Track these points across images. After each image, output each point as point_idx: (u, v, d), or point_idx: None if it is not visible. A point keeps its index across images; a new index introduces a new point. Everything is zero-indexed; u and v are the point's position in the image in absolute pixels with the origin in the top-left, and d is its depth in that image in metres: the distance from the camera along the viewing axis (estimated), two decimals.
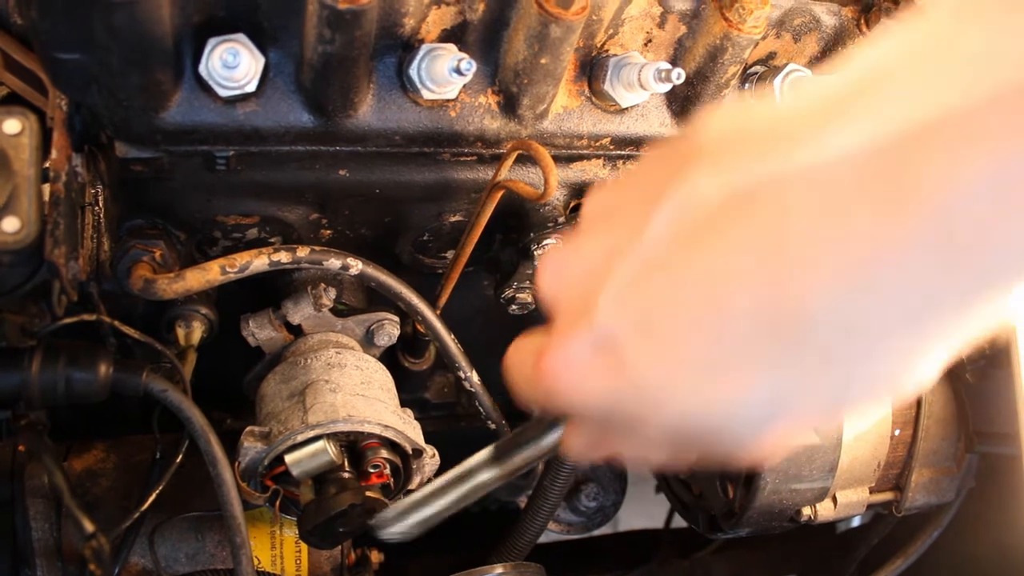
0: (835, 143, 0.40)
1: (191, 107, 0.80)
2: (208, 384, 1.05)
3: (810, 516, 1.12)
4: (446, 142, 0.90)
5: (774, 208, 0.41)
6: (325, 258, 0.94)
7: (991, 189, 0.36)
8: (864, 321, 0.40)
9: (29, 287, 0.80)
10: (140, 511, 0.95)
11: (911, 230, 0.38)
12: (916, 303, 0.39)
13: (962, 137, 0.36)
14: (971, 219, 0.37)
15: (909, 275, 0.39)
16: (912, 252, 0.38)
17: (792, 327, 0.41)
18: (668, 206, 0.45)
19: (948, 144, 0.37)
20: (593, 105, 0.94)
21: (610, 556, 1.68)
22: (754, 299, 0.42)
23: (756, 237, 0.42)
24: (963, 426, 1.18)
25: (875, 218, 0.38)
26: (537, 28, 0.81)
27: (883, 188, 0.38)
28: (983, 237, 0.37)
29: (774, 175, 0.42)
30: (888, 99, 0.39)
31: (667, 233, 0.45)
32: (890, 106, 0.39)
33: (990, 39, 0.37)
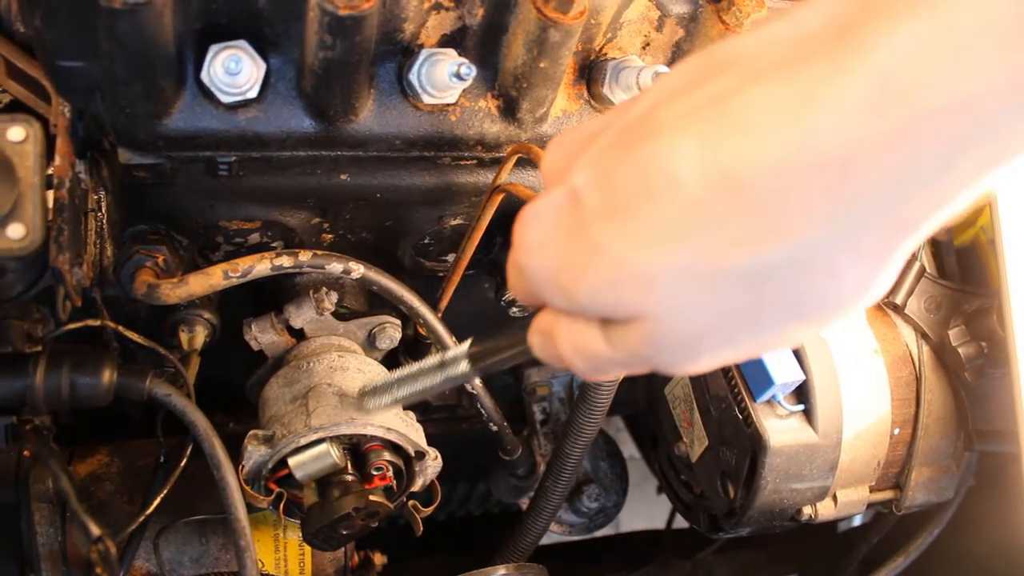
0: (793, 18, 0.43)
1: (193, 113, 0.80)
2: (211, 388, 1.06)
3: (811, 515, 1.12)
4: (446, 146, 0.91)
5: (730, 73, 0.44)
6: (327, 262, 0.94)
7: (931, 42, 0.37)
8: (794, 187, 0.41)
9: (33, 293, 0.81)
10: (145, 515, 0.96)
11: (847, 87, 0.39)
12: (849, 171, 0.40)
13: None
14: (909, 74, 0.38)
15: (843, 138, 0.39)
16: (847, 112, 0.39)
17: (729, 181, 0.42)
18: (657, 82, 0.49)
19: (892, 7, 0.39)
20: (592, 108, 0.95)
21: (612, 557, 1.69)
22: (698, 151, 0.43)
23: (710, 97, 0.44)
24: (962, 424, 1.19)
25: (814, 78, 0.40)
26: (536, 32, 0.82)
27: (825, 48, 0.40)
28: (920, 97, 0.38)
29: (740, 46, 0.45)
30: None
31: (652, 100, 0.48)
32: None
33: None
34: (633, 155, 0.46)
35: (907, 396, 1.15)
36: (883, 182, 0.40)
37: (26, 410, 0.86)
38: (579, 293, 0.49)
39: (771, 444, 1.05)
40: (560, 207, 0.50)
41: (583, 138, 0.53)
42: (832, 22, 0.41)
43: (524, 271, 0.53)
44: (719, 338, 0.48)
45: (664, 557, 1.60)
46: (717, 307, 0.46)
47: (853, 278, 0.44)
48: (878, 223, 0.41)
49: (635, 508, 1.66)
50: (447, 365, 0.74)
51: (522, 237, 0.53)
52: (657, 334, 0.48)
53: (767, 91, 0.42)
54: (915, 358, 1.16)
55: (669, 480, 1.33)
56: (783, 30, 0.43)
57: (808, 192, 0.41)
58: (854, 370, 1.10)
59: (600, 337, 0.52)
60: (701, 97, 0.45)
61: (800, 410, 1.07)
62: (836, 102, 0.39)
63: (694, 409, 1.18)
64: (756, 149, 0.41)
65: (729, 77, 0.44)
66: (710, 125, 0.43)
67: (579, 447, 1.12)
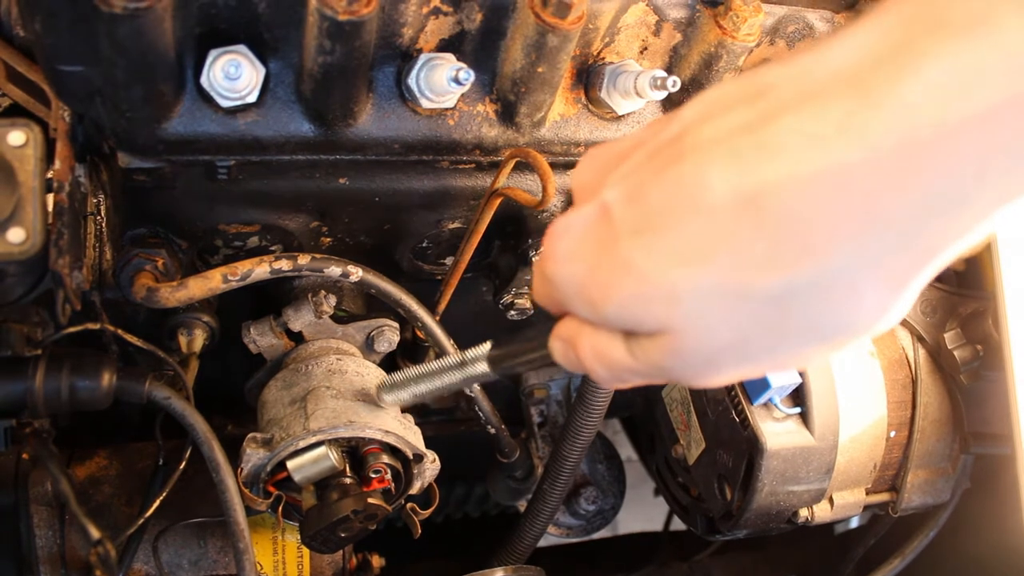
0: (826, 52, 0.45)
1: (193, 118, 0.81)
2: (209, 391, 1.06)
3: (807, 517, 1.13)
4: (445, 150, 0.91)
5: (763, 101, 0.46)
6: (326, 266, 0.95)
7: (958, 80, 0.39)
8: (822, 213, 0.43)
9: (33, 296, 0.81)
10: (144, 517, 0.96)
11: (876, 121, 0.41)
12: (875, 200, 0.41)
13: (935, 30, 0.40)
14: (936, 109, 0.40)
15: (870, 168, 0.41)
16: (876, 144, 0.41)
17: (757, 205, 0.44)
18: (692, 104, 0.51)
19: (921, 37, 0.41)
20: (590, 112, 0.96)
21: (610, 559, 1.69)
22: (729, 173, 0.45)
23: (743, 122, 0.46)
24: (958, 427, 1.19)
25: (844, 109, 0.42)
26: (534, 37, 0.82)
27: (856, 81, 0.42)
28: (947, 133, 0.40)
29: (773, 75, 0.47)
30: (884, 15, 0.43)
31: (684, 123, 0.50)
32: (884, 18, 0.43)
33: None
34: (665, 175, 0.48)
35: (903, 399, 1.16)
36: (905, 212, 0.42)
37: (26, 413, 0.86)
38: (606, 306, 0.51)
39: (768, 447, 1.05)
40: (591, 221, 0.52)
41: (615, 155, 0.54)
42: (862, 58, 0.43)
43: (552, 280, 0.55)
44: (739, 355, 0.50)
45: (661, 559, 1.61)
46: (739, 326, 0.47)
47: (872, 304, 0.45)
48: (899, 252, 0.43)
49: (632, 510, 1.66)
50: (467, 364, 0.75)
51: (552, 248, 0.54)
52: (679, 349, 0.50)
53: (797, 120, 0.43)
54: (911, 361, 1.17)
55: (666, 482, 1.34)
56: (815, 62, 0.45)
57: (833, 219, 0.43)
58: (850, 373, 1.11)
59: (623, 348, 0.53)
60: (733, 122, 0.46)
61: (796, 413, 1.08)
62: (863, 134, 0.41)
63: (691, 412, 1.19)
64: (785, 175, 0.43)
65: (761, 104, 0.45)
66: (741, 150, 0.45)
67: (577, 450, 1.13)
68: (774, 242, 0.44)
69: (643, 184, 0.49)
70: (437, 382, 0.81)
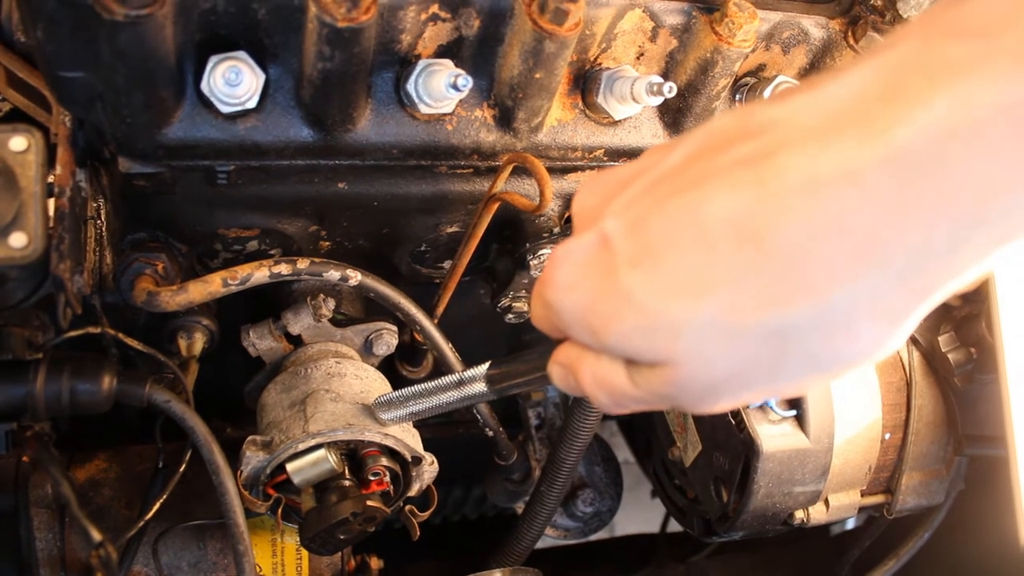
0: (827, 89, 0.46)
1: (193, 123, 0.81)
2: (209, 394, 1.07)
3: (803, 519, 1.14)
4: (443, 155, 0.92)
5: (764, 137, 0.46)
6: (325, 270, 0.95)
7: (956, 119, 0.40)
8: (820, 251, 0.43)
9: (34, 300, 0.81)
10: (144, 520, 0.96)
11: (874, 161, 0.41)
12: (873, 238, 0.42)
13: (934, 72, 0.41)
14: (934, 149, 0.40)
15: (868, 207, 0.42)
16: (874, 183, 0.41)
17: (756, 241, 0.45)
18: (693, 136, 0.51)
19: (919, 79, 0.41)
20: (587, 118, 0.96)
21: (607, 561, 1.70)
22: (728, 208, 0.46)
23: (743, 158, 0.46)
24: (952, 429, 1.20)
25: (842, 150, 0.42)
26: (531, 44, 0.83)
27: (855, 122, 0.43)
28: (944, 170, 0.40)
29: (773, 112, 0.47)
30: (876, 56, 0.44)
31: (684, 155, 0.50)
32: (881, 59, 0.44)
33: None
34: (665, 207, 0.49)
35: (898, 401, 1.17)
36: (904, 253, 0.42)
37: (26, 416, 0.87)
38: (608, 336, 0.52)
39: (764, 449, 1.06)
40: (591, 250, 0.53)
41: (616, 182, 0.55)
42: (862, 99, 0.43)
43: (553, 307, 0.55)
44: (738, 385, 0.50)
45: (658, 561, 1.62)
46: (738, 358, 0.48)
47: (869, 338, 0.46)
48: (897, 289, 0.44)
49: (629, 512, 1.67)
50: (464, 384, 0.76)
51: (553, 275, 0.55)
52: (680, 379, 0.51)
53: (798, 159, 0.44)
54: (905, 364, 1.18)
55: (663, 484, 1.34)
56: (816, 101, 0.45)
57: (833, 257, 0.43)
58: (845, 376, 1.11)
59: (624, 376, 0.54)
60: (734, 157, 0.47)
61: (792, 415, 1.08)
62: (862, 175, 0.42)
63: (688, 415, 1.19)
64: (786, 213, 0.44)
65: (761, 140, 0.46)
66: (742, 185, 0.45)
67: (574, 452, 1.13)
68: (773, 278, 0.45)
69: (644, 215, 0.50)
70: (434, 401, 0.82)
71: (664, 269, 0.48)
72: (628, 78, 0.91)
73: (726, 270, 0.46)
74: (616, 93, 0.92)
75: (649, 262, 0.49)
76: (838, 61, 1.03)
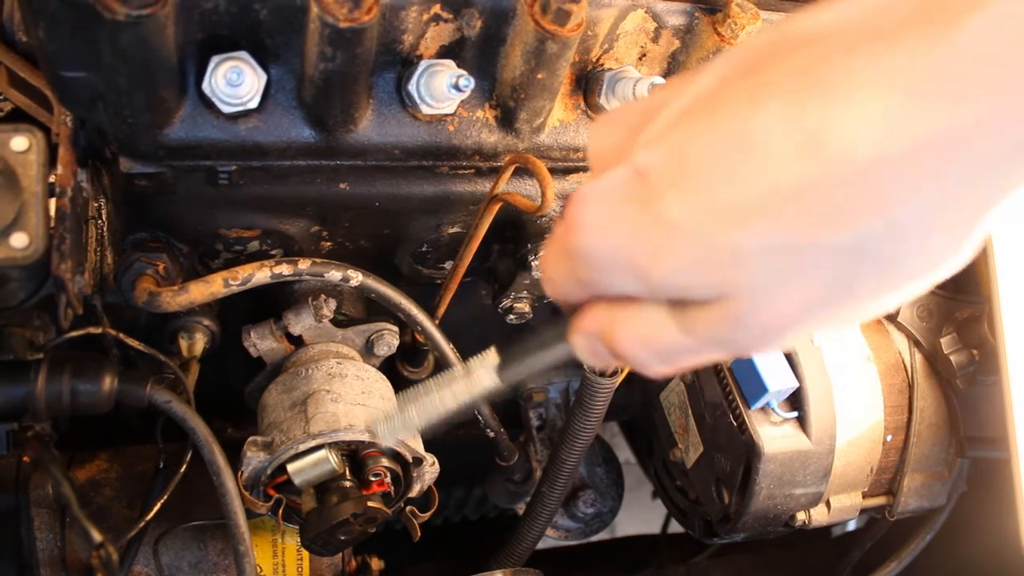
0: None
1: (194, 123, 0.81)
2: (210, 394, 1.07)
3: (804, 521, 1.14)
4: (444, 156, 0.91)
5: (814, 47, 0.42)
6: (326, 270, 0.95)
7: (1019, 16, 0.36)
8: (891, 162, 0.39)
9: (35, 301, 0.81)
10: (145, 520, 0.96)
11: (942, 61, 0.38)
12: (947, 145, 0.39)
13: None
14: (1004, 45, 0.36)
15: (940, 112, 0.38)
16: (943, 87, 0.38)
17: (818, 153, 0.40)
18: (721, 58, 0.46)
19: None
20: (589, 119, 0.96)
21: (608, 562, 1.69)
22: (786, 122, 0.41)
23: (794, 69, 0.42)
24: (954, 431, 1.20)
25: (906, 52, 0.39)
26: (534, 44, 0.83)
27: (915, 22, 0.39)
28: (1017, 70, 0.36)
29: (816, 20, 0.43)
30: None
31: (717, 76, 0.46)
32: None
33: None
34: (714, 127, 0.44)
35: (900, 403, 1.16)
36: (985, 152, 0.39)
37: (27, 417, 0.87)
38: (657, 273, 0.46)
39: (765, 450, 1.06)
40: (624, 186, 0.47)
41: (638, 114, 0.50)
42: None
43: (582, 253, 0.49)
44: (805, 313, 0.45)
45: (659, 562, 1.61)
46: (809, 283, 0.43)
47: (946, 245, 0.42)
48: (970, 197, 0.40)
49: (631, 513, 1.66)
50: (471, 375, 0.69)
51: (579, 217, 0.48)
52: (742, 314, 0.45)
53: (861, 59, 0.40)
54: (907, 365, 1.18)
55: (664, 485, 1.34)
56: (860, 7, 0.41)
57: (908, 168, 0.39)
58: (847, 377, 1.11)
59: (672, 324, 0.49)
60: (783, 70, 0.42)
61: (794, 417, 1.08)
62: (931, 80, 0.38)
63: (689, 415, 1.19)
64: (854, 123, 0.39)
65: (813, 49, 0.42)
66: (801, 96, 0.41)
67: (575, 453, 1.13)
68: (844, 193, 0.40)
69: (687, 139, 0.44)
70: (439, 401, 0.71)
71: (717, 191, 0.43)
72: (630, 79, 0.91)
73: (789, 185, 0.41)
74: (618, 94, 0.92)
75: (697, 186, 0.43)
76: None
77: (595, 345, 0.53)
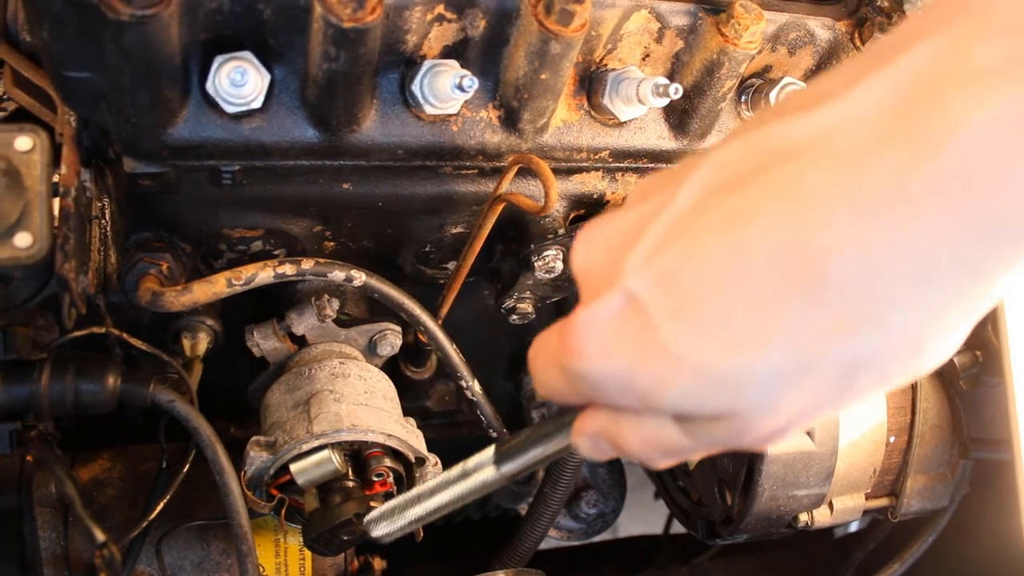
0: (851, 101, 0.42)
1: (198, 123, 0.81)
2: (212, 394, 1.07)
3: (807, 522, 1.13)
4: (448, 156, 0.91)
5: (795, 163, 0.43)
6: (329, 270, 0.95)
7: (1008, 129, 0.37)
8: (879, 279, 0.40)
9: (39, 300, 0.81)
10: (148, 520, 0.96)
11: (926, 182, 0.38)
12: (932, 260, 0.40)
13: (974, 78, 0.38)
14: (987, 163, 0.37)
15: (924, 229, 0.39)
16: (927, 204, 0.39)
17: (809, 279, 0.41)
18: (699, 171, 0.47)
19: (960, 87, 0.38)
20: (592, 119, 0.96)
21: (610, 562, 1.69)
22: (773, 246, 0.42)
23: (777, 188, 0.43)
24: (957, 433, 1.20)
25: (889, 172, 0.39)
26: (537, 44, 0.83)
27: (897, 140, 0.39)
28: (1001, 184, 0.37)
29: (796, 133, 0.43)
30: (898, 60, 0.41)
31: (696, 194, 0.46)
32: (901, 63, 0.41)
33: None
34: (698, 255, 0.45)
35: (903, 404, 1.16)
36: (966, 266, 0.40)
37: (31, 416, 0.87)
38: (662, 400, 0.48)
39: (768, 452, 1.06)
40: (620, 314, 0.48)
41: (619, 234, 0.50)
42: (892, 111, 0.40)
43: (586, 378, 0.50)
44: (806, 417, 0.47)
45: (661, 562, 1.61)
46: (809, 393, 0.45)
47: (934, 350, 0.44)
48: (959, 302, 0.42)
49: (633, 514, 1.66)
50: (470, 474, 0.68)
51: (580, 345, 0.50)
52: (746, 426, 0.48)
53: (838, 184, 0.41)
54: None
55: (667, 486, 1.34)
56: (838, 118, 0.42)
57: (894, 282, 0.41)
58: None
59: (678, 431, 0.51)
60: (763, 190, 0.43)
61: None
62: (915, 196, 0.39)
63: None
64: (838, 244, 0.40)
65: (789, 168, 0.43)
66: (782, 220, 0.42)
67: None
68: (833, 311, 0.42)
69: (674, 267, 0.45)
70: (438, 500, 0.71)
71: (714, 322, 0.44)
72: (634, 79, 0.91)
73: (783, 312, 0.42)
74: (622, 94, 0.92)
75: (694, 317, 0.45)
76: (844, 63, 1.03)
77: (599, 444, 0.56)
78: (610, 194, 1.05)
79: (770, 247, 0.42)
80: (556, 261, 1.04)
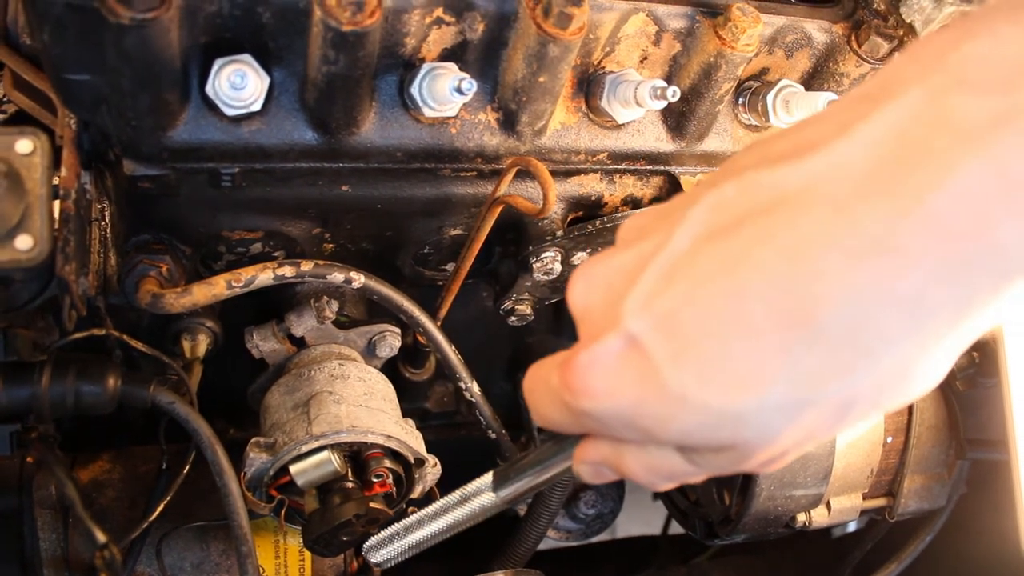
0: (840, 151, 0.44)
1: (198, 126, 0.82)
2: (212, 395, 1.07)
3: (805, 522, 1.14)
4: (446, 158, 0.92)
5: (787, 210, 0.44)
6: (328, 272, 0.95)
7: (983, 184, 0.39)
8: (871, 321, 0.43)
9: (39, 302, 0.82)
10: (148, 521, 0.96)
11: (913, 230, 0.41)
12: (921, 300, 0.42)
13: (953, 135, 0.40)
14: (968, 213, 0.40)
15: (913, 273, 0.41)
16: (914, 251, 0.41)
17: (805, 322, 0.44)
18: (693, 213, 0.49)
19: (941, 140, 0.41)
20: (590, 121, 0.97)
21: (608, 562, 1.70)
22: (769, 292, 0.44)
23: (771, 235, 0.45)
24: (954, 433, 1.20)
25: (878, 221, 0.42)
26: (535, 47, 0.83)
27: (884, 191, 0.42)
28: (981, 231, 0.40)
29: (787, 180, 0.45)
30: (883, 110, 0.43)
31: (692, 236, 0.48)
32: (886, 113, 0.43)
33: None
34: (696, 298, 0.46)
35: None
36: (953, 306, 0.42)
37: (31, 417, 0.87)
38: (667, 435, 0.50)
39: None
40: (622, 355, 0.50)
41: (619, 273, 0.52)
42: (880, 161, 0.42)
43: (591, 415, 0.52)
44: (803, 445, 0.50)
45: (660, 562, 1.62)
46: (807, 424, 0.47)
47: (925, 379, 0.46)
48: (947, 338, 0.44)
49: (631, 514, 1.67)
50: (469, 499, 0.70)
51: (583, 384, 0.51)
52: (747, 456, 0.50)
53: (829, 233, 0.43)
54: None
55: None
56: (828, 166, 0.44)
57: (885, 324, 0.43)
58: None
59: (680, 460, 0.53)
60: (757, 236, 0.45)
61: None
62: (902, 244, 0.41)
63: None
64: (830, 290, 0.43)
65: (781, 216, 0.45)
66: (779, 265, 0.44)
67: None
68: (829, 353, 0.44)
69: (673, 310, 0.47)
70: (436, 525, 0.73)
71: (714, 364, 0.46)
72: (632, 82, 0.91)
73: (780, 354, 0.44)
74: (619, 97, 0.92)
75: (694, 359, 0.46)
76: (841, 65, 1.03)
77: (600, 470, 0.58)
78: (608, 196, 1.05)
79: (766, 293, 0.44)
80: (554, 263, 1.05)
